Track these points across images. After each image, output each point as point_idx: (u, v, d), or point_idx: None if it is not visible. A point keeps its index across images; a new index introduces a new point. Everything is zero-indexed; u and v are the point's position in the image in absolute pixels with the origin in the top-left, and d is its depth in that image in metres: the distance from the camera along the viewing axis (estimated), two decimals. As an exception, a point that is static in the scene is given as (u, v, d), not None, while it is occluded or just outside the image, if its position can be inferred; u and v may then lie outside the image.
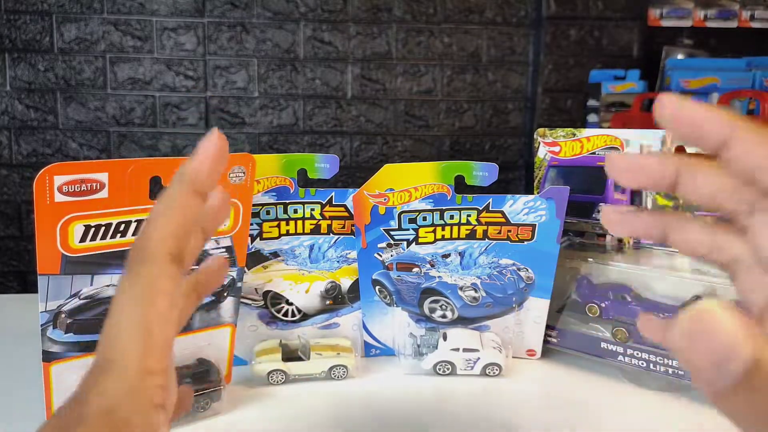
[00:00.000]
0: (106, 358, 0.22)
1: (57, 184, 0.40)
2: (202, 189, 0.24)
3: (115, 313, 0.23)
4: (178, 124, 1.49)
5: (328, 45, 1.50)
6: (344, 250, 0.58)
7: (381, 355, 0.59)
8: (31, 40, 1.44)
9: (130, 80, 1.47)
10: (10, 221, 1.45)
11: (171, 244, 0.23)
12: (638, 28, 1.48)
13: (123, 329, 0.23)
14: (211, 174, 0.24)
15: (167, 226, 0.23)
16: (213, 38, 1.47)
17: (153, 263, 0.23)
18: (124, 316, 0.23)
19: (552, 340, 0.59)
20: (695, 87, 1.37)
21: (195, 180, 0.24)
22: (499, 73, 1.54)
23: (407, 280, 0.57)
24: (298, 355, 0.53)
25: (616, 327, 0.54)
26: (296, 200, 0.56)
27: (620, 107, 1.42)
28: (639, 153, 0.25)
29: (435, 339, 0.56)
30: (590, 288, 0.56)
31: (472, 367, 0.54)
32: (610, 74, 1.45)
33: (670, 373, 0.51)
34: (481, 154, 1.57)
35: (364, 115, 1.53)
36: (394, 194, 0.55)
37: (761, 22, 1.46)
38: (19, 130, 1.46)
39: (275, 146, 1.52)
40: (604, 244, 0.58)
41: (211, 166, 0.24)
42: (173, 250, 0.23)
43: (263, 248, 0.56)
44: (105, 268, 0.44)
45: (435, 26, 1.51)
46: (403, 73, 1.52)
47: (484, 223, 0.56)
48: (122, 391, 0.22)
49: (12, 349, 0.58)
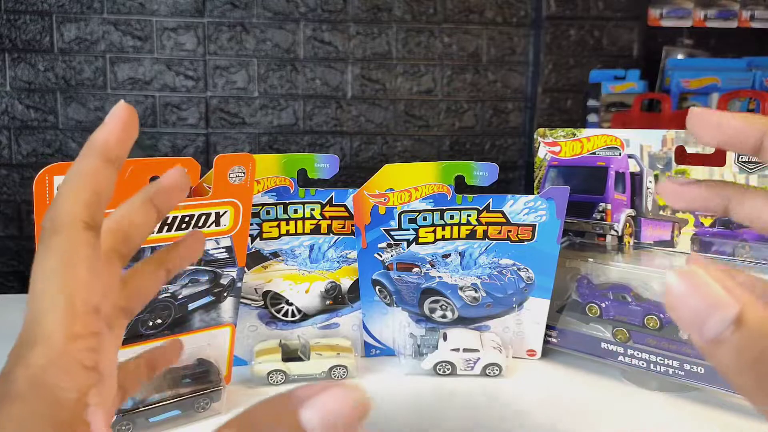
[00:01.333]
0: (29, 331, 0.22)
1: (57, 184, 0.40)
2: (113, 157, 0.24)
3: (33, 286, 0.22)
4: (178, 124, 1.49)
5: (328, 45, 1.50)
6: (344, 250, 0.58)
7: (381, 355, 0.59)
8: (31, 40, 1.44)
9: (130, 80, 1.47)
10: (10, 221, 1.45)
11: (83, 212, 0.23)
12: (638, 28, 1.48)
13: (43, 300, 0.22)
14: (120, 142, 0.24)
15: (78, 194, 0.23)
16: (213, 38, 1.47)
17: (65, 232, 0.23)
18: (42, 287, 0.22)
19: (552, 340, 0.59)
20: (695, 87, 1.37)
21: (104, 148, 0.24)
22: (499, 73, 1.54)
23: (407, 280, 0.57)
24: (298, 355, 0.53)
25: (616, 327, 0.54)
26: (296, 200, 0.56)
27: (620, 107, 1.42)
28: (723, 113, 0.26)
29: (435, 339, 0.56)
30: (590, 288, 0.56)
31: (472, 368, 0.54)
32: (610, 74, 1.45)
33: (670, 373, 0.51)
34: (481, 154, 1.56)
35: (364, 115, 1.53)
36: (394, 194, 0.55)
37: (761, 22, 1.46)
38: (19, 130, 1.46)
39: (275, 146, 1.52)
40: (604, 244, 0.58)
41: (121, 135, 0.24)
42: (86, 218, 0.23)
43: (263, 248, 0.56)
44: (105, 268, 0.44)
45: (435, 26, 1.51)
46: (403, 73, 1.52)
47: (485, 223, 0.56)
48: (48, 359, 0.21)
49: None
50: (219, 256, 0.49)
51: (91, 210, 0.23)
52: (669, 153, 0.53)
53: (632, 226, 0.57)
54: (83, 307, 0.22)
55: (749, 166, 0.49)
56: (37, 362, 0.21)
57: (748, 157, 0.49)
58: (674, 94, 1.37)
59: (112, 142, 0.24)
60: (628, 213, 0.57)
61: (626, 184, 0.56)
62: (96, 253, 0.23)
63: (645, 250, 0.56)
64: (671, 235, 0.55)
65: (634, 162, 0.56)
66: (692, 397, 0.51)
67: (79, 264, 0.22)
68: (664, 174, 0.54)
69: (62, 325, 0.22)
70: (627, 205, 0.57)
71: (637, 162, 0.56)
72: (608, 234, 0.57)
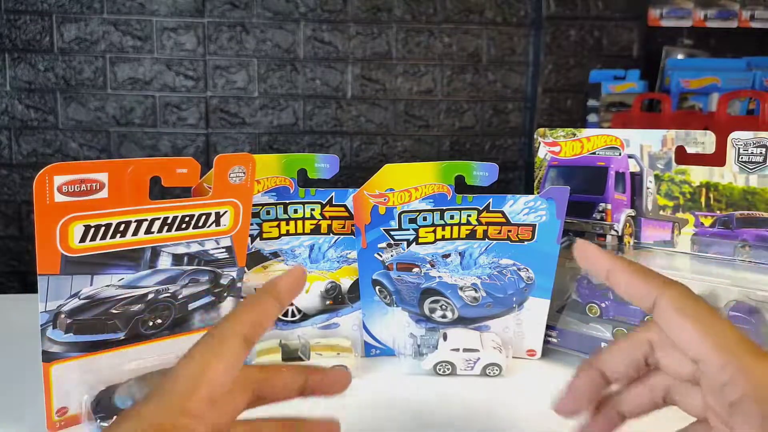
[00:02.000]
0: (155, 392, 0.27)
1: (57, 184, 0.40)
2: (282, 301, 0.31)
3: (181, 359, 0.28)
4: (178, 124, 1.49)
5: (328, 45, 1.50)
6: (344, 250, 0.58)
7: (381, 355, 0.59)
8: (31, 40, 1.44)
9: (130, 80, 1.47)
10: (10, 221, 1.45)
11: (246, 329, 0.29)
12: (638, 28, 1.48)
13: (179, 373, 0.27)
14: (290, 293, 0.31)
15: (249, 314, 0.29)
16: (213, 38, 1.47)
17: (229, 337, 0.28)
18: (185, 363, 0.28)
19: (552, 340, 0.59)
20: (695, 87, 1.37)
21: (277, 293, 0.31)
22: (499, 73, 1.54)
23: (407, 280, 0.57)
24: (298, 355, 0.53)
25: (616, 327, 0.54)
26: (296, 200, 0.56)
27: (620, 107, 1.42)
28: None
29: (435, 339, 0.56)
30: (590, 288, 0.56)
31: (472, 368, 0.54)
32: (610, 74, 1.45)
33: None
34: (481, 154, 1.56)
35: (364, 115, 1.53)
36: (394, 194, 0.55)
37: (761, 22, 1.46)
38: (19, 130, 1.46)
39: (275, 146, 1.52)
40: (604, 244, 0.58)
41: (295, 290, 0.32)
42: (247, 335, 0.29)
43: (263, 248, 0.56)
44: (105, 268, 0.44)
45: (435, 26, 1.51)
46: (403, 73, 1.52)
47: (485, 223, 0.56)
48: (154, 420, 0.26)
49: (12, 349, 0.58)
50: (219, 256, 0.49)
51: (252, 329, 0.29)
52: (669, 153, 0.53)
53: (632, 226, 0.57)
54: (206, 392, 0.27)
55: (749, 166, 0.49)
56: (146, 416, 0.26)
57: (749, 157, 0.49)
58: (674, 94, 1.37)
59: (287, 294, 0.31)
60: (628, 213, 0.57)
61: (626, 184, 0.56)
62: (239, 364, 0.29)
63: (645, 250, 0.56)
64: (671, 235, 0.55)
65: (634, 162, 0.56)
66: (692, 397, 0.51)
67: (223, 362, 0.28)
68: (663, 174, 0.54)
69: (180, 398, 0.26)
70: (627, 205, 0.57)
71: (637, 162, 0.56)
72: (608, 234, 0.57)
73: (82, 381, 0.44)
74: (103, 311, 0.45)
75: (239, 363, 0.29)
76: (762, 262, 0.50)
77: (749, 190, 0.50)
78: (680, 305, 0.28)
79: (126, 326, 0.46)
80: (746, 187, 0.50)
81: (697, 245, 0.53)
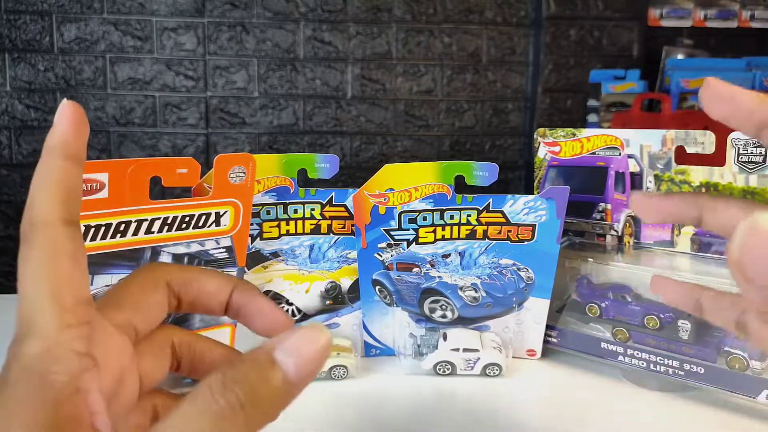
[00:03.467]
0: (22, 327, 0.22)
1: (57, 184, 0.40)
2: (74, 154, 0.24)
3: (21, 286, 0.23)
4: (178, 124, 1.49)
5: (328, 45, 1.50)
6: (344, 250, 0.58)
7: (381, 355, 0.59)
8: (31, 40, 1.44)
9: (130, 80, 1.47)
10: (10, 221, 1.45)
11: (60, 209, 0.23)
12: (638, 28, 1.48)
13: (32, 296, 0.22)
14: (76, 139, 0.24)
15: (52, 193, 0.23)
16: (213, 38, 1.47)
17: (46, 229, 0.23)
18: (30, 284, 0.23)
19: (552, 340, 0.59)
20: (695, 87, 1.37)
21: (63, 147, 0.24)
22: (499, 73, 1.54)
23: (407, 280, 0.57)
24: (298, 355, 0.53)
25: (616, 327, 0.54)
26: (296, 200, 0.56)
27: (620, 107, 1.42)
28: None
29: (435, 339, 0.56)
30: (590, 288, 0.56)
31: (472, 368, 0.54)
32: (610, 74, 1.45)
33: (670, 373, 0.51)
34: (481, 154, 1.56)
35: (364, 115, 1.53)
36: (394, 194, 0.55)
37: (761, 22, 1.46)
38: (19, 130, 1.46)
39: (275, 146, 1.52)
40: (604, 244, 0.58)
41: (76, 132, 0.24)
42: (64, 215, 0.23)
43: (263, 248, 0.56)
44: (105, 268, 0.44)
45: (435, 26, 1.51)
46: (403, 73, 1.52)
47: (484, 223, 0.56)
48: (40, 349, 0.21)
49: (12, 349, 0.58)
50: (219, 256, 0.49)
51: (67, 206, 0.23)
52: (669, 153, 0.54)
53: (632, 226, 0.57)
54: (72, 298, 0.22)
55: (749, 166, 0.49)
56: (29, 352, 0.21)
57: (748, 157, 0.49)
58: (674, 94, 1.37)
59: (71, 138, 0.24)
60: (627, 213, 0.57)
61: (626, 184, 0.56)
62: (79, 248, 0.23)
63: (645, 250, 0.56)
64: (671, 235, 0.55)
65: (634, 162, 0.56)
66: (692, 397, 0.51)
67: (63, 258, 0.23)
68: (663, 174, 0.54)
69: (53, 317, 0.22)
70: (627, 205, 0.57)
71: (637, 162, 0.56)
72: (608, 234, 0.57)
73: (82, 381, 0.44)
74: (103, 311, 0.45)
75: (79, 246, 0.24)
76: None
77: (749, 190, 0.50)
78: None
79: (126, 326, 0.46)
80: (746, 187, 0.50)
81: (697, 245, 0.53)
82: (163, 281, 0.27)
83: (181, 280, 0.27)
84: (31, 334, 0.22)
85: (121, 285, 0.27)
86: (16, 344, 0.22)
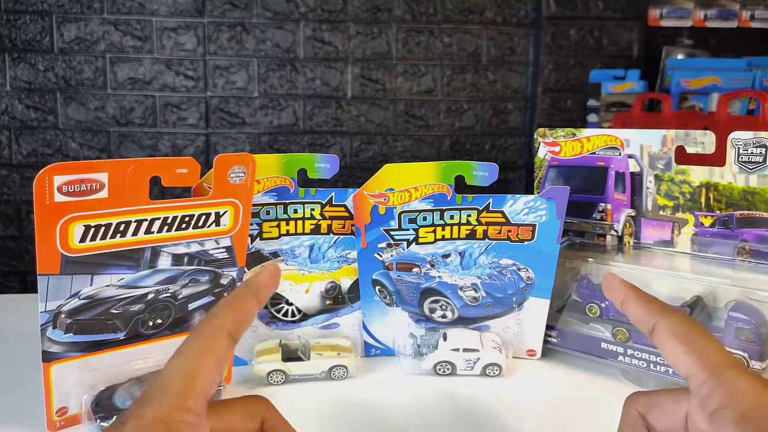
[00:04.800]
0: (152, 390, 0.27)
1: (57, 184, 0.40)
2: (261, 296, 0.32)
3: (171, 358, 0.28)
4: (178, 124, 1.49)
5: (328, 45, 1.50)
6: (344, 250, 0.58)
7: (381, 355, 0.59)
8: (31, 40, 1.43)
9: (130, 80, 1.47)
10: (10, 221, 1.45)
11: (230, 326, 0.30)
12: (638, 28, 1.48)
13: (173, 371, 0.28)
14: (268, 288, 0.32)
15: (232, 312, 0.30)
16: (213, 38, 1.47)
17: (214, 332, 0.29)
18: (177, 361, 0.28)
19: (552, 340, 0.59)
20: (695, 87, 1.37)
21: (257, 289, 0.32)
22: (499, 73, 1.54)
23: (407, 280, 0.57)
24: (298, 355, 0.53)
25: (616, 327, 0.54)
26: (296, 200, 0.56)
27: (620, 107, 1.42)
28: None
29: (435, 339, 0.56)
30: (590, 288, 0.56)
31: (472, 368, 0.54)
32: (610, 74, 1.45)
33: (670, 373, 0.51)
34: (481, 154, 1.56)
35: (364, 115, 1.53)
36: (394, 194, 0.55)
37: (761, 22, 1.46)
38: (19, 130, 1.46)
39: (275, 146, 1.52)
40: (604, 244, 0.58)
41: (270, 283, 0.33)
42: (231, 330, 0.30)
43: (263, 248, 0.56)
44: (105, 268, 0.44)
45: (435, 26, 1.51)
46: (403, 73, 1.52)
47: (484, 223, 0.56)
48: (156, 418, 0.26)
49: (12, 349, 0.58)
50: (219, 256, 0.49)
51: (236, 326, 0.30)
52: (669, 153, 0.54)
53: (632, 226, 0.57)
54: (202, 389, 0.28)
55: (749, 166, 0.49)
56: (147, 417, 0.26)
57: (748, 157, 0.49)
58: (674, 94, 1.37)
59: (263, 287, 0.32)
60: (628, 213, 0.57)
61: (626, 184, 0.56)
62: (226, 359, 0.30)
63: (645, 250, 0.56)
64: (671, 235, 0.55)
65: (634, 162, 0.56)
66: (692, 397, 0.51)
67: (213, 358, 0.29)
68: (663, 174, 0.54)
69: (178, 396, 0.27)
70: (627, 205, 0.57)
71: (637, 162, 0.56)
72: (608, 234, 0.57)
73: (82, 381, 0.44)
74: (103, 311, 0.45)
75: (226, 359, 0.30)
76: (762, 262, 0.50)
77: (749, 190, 0.50)
78: (675, 329, 0.32)
79: (126, 326, 0.46)
80: (746, 187, 0.50)
81: (697, 245, 0.53)
82: (260, 417, 0.32)
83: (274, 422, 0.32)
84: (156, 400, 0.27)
85: (234, 401, 0.32)
86: (139, 404, 0.27)
